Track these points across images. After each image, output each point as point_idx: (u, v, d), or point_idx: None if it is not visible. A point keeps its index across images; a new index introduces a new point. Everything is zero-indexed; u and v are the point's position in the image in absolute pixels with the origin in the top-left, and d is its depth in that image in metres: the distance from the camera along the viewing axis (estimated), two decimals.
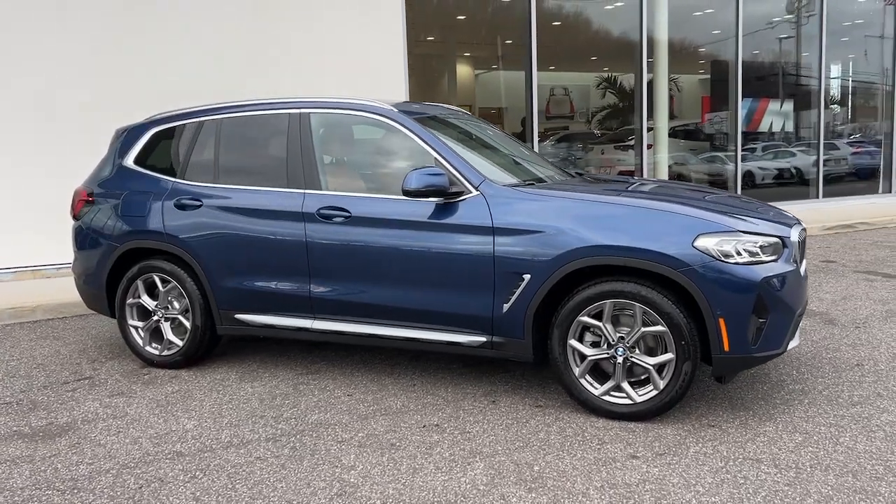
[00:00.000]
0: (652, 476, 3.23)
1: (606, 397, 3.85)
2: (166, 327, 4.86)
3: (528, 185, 4.31)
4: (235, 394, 4.39)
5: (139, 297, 4.90)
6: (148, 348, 4.92)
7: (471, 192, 4.07)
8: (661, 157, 11.61)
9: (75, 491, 3.24)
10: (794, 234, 3.92)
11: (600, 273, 3.83)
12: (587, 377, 3.89)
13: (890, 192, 13.86)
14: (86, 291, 5.17)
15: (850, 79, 15.02)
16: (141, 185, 4.92)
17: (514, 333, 3.98)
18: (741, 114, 11.96)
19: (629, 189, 4.55)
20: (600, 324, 3.80)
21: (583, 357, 3.88)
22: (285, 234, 4.43)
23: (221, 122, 4.83)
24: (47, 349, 5.49)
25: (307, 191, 4.43)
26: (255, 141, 4.79)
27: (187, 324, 4.78)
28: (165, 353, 4.87)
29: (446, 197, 4.08)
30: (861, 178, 14.34)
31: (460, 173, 4.11)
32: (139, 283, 4.87)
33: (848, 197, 13.33)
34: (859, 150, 14.52)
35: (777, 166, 13.61)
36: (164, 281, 4.81)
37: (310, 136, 4.53)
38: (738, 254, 3.62)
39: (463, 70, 16.36)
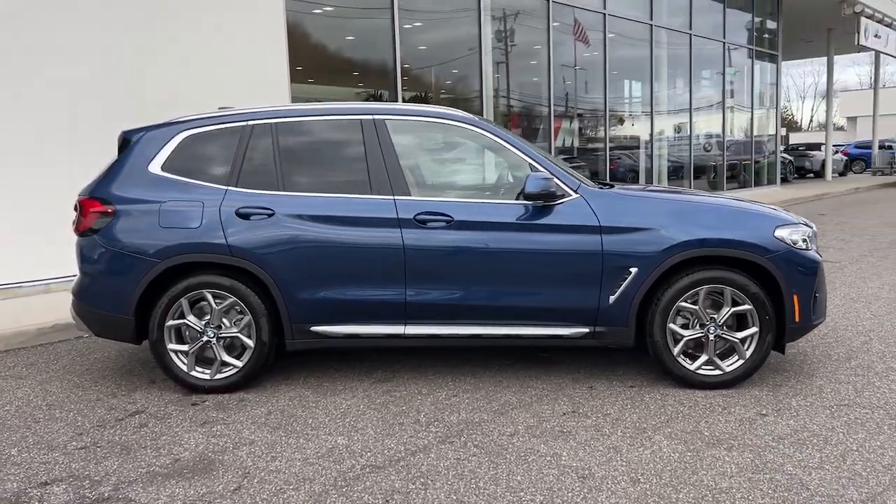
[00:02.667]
0: (794, 426, 3.86)
1: (700, 371, 4.43)
2: (219, 348, 4.46)
3: (609, 187, 4.75)
4: (340, 408, 4.23)
5: (184, 317, 4.43)
6: (194, 373, 4.47)
7: (570, 195, 4.41)
8: None
9: None
10: (814, 226, 4.86)
11: (692, 263, 4.40)
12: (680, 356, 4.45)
13: None
14: (100, 316, 4.52)
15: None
16: (181, 194, 4.46)
17: (618, 322, 4.40)
18: (553, 130, 13.38)
19: (689, 192, 5.14)
20: (696, 307, 4.38)
21: (678, 338, 4.42)
22: (378, 241, 4.37)
23: (277, 126, 4.57)
24: (27, 389, 4.68)
25: (397, 197, 4.42)
26: (324, 147, 4.62)
27: (249, 342, 4.45)
28: (219, 376, 4.47)
29: (547, 199, 4.38)
30: None
31: (558, 178, 4.43)
32: (184, 301, 4.42)
33: None
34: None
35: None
36: (217, 297, 4.42)
37: (390, 142, 4.51)
38: (802, 242, 4.43)
39: None
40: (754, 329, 4.38)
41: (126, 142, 4.65)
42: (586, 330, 4.43)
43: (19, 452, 3.69)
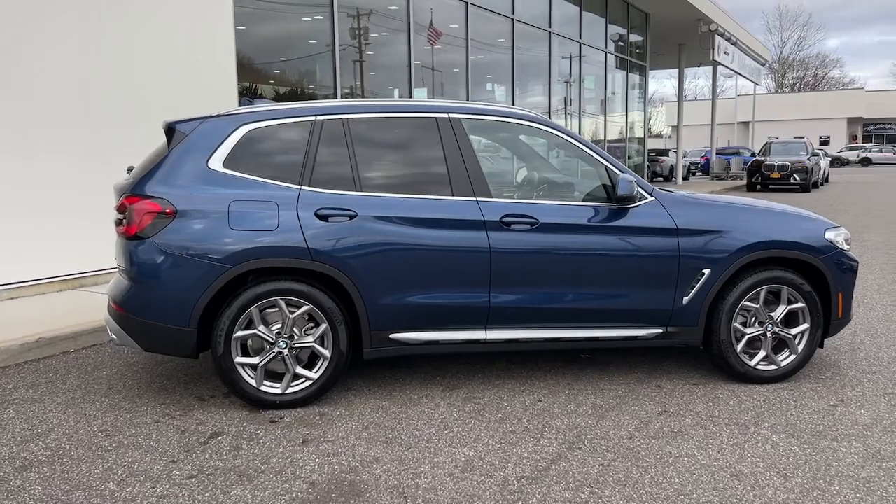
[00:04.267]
0: (870, 415, 4.14)
1: (759, 366, 4.65)
2: (291, 360, 4.14)
3: (668, 191, 4.86)
4: (433, 418, 4.05)
5: (254, 327, 4.07)
6: (264, 388, 4.12)
7: (646, 198, 4.50)
8: None
9: None
10: None
11: (755, 264, 4.60)
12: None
13: None
14: (153, 328, 4.03)
15: None
16: (251, 193, 4.09)
17: (689, 322, 4.53)
18: None
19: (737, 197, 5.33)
20: (757, 306, 4.60)
21: (739, 336, 4.62)
22: (465, 244, 4.23)
23: (349, 122, 4.30)
24: (58, 414, 4.11)
25: (480, 199, 4.30)
26: (400, 145, 4.39)
27: (325, 352, 4.16)
28: (291, 390, 4.14)
29: (629, 202, 4.43)
30: None
31: (636, 180, 4.49)
32: (254, 310, 4.05)
33: None
34: None
35: None
36: (291, 305, 4.10)
37: (468, 142, 4.38)
38: (844, 243, 4.78)
39: None
40: (805, 325, 4.66)
41: (172, 132, 4.20)
42: (660, 330, 4.53)
43: (120, 487, 3.23)
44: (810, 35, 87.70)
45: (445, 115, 4.41)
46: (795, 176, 23.80)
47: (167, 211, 3.99)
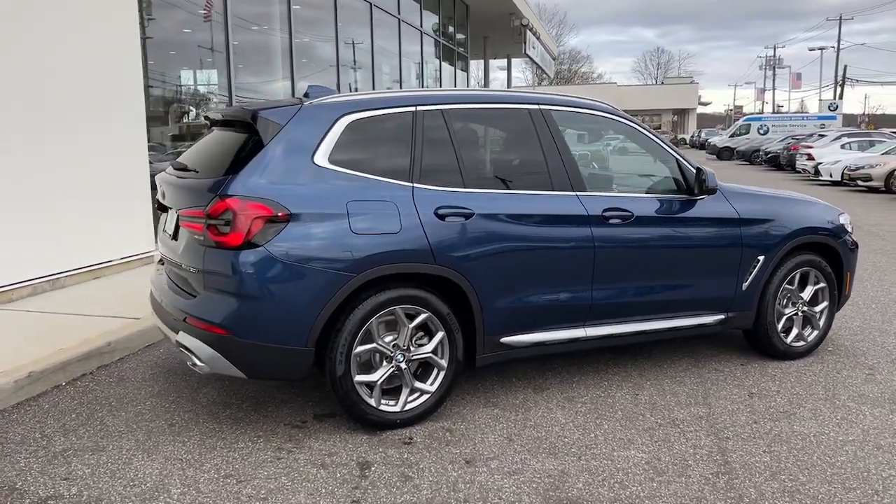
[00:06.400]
0: None
1: (793, 344, 5.03)
2: (409, 374, 3.78)
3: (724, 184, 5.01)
4: (560, 423, 3.91)
5: (373, 341, 3.66)
6: (383, 407, 3.73)
7: None
8: None
9: None
10: None
11: (793, 250, 4.93)
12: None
13: None
14: (264, 351, 3.46)
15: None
16: (365, 192, 3.65)
17: (745, 307, 4.78)
18: None
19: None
20: (793, 288, 4.97)
21: (779, 317, 4.96)
22: (571, 239, 4.11)
23: (448, 113, 3.97)
24: (146, 461, 3.41)
25: (578, 193, 4.20)
26: (499, 138, 4.12)
27: (442, 362, 3.85)
28: (409, 406, 3.79)
29: (708, 194, 4.57)
30: None
31: None
32: (374, 322, 3.65)
33: None
34: None
35: None
36: (408, 314, 3.74)
37: (561, 134, 4.24)
38: (849, 226, 5.29)
39: None
40: (825, 303, 5.11)
41: (255, 121, 3.64)
42: (722, 316, 4.72)
43: None
44: (565, 32, 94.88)
45: (537, 107, 4.24)
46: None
47: (280, 214, 3.45)
